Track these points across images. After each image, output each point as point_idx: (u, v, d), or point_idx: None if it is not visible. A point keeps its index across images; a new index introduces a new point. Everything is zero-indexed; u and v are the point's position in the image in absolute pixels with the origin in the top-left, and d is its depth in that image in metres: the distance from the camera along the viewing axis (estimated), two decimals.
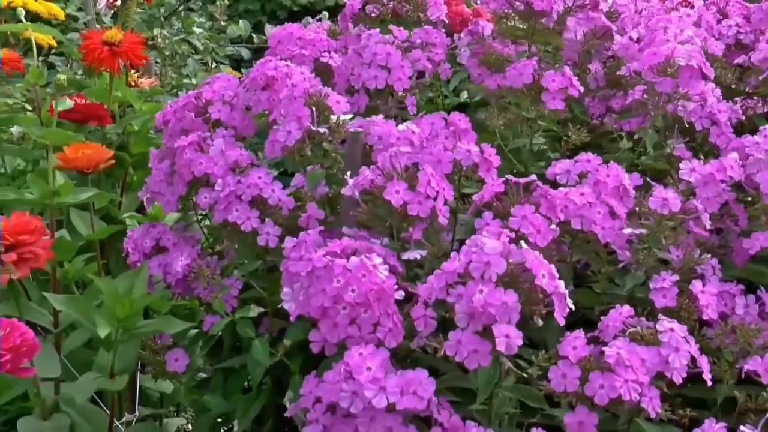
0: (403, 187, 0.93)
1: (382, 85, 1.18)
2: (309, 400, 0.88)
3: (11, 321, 0.88)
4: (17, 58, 1.49)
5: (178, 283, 1.14)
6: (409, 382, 0.83)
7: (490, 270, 0.81)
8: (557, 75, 1.13)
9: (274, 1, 4.37)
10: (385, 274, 0.88)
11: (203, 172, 1.09)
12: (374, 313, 0.88)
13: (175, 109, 1.19)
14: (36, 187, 1.26)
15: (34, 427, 1.16)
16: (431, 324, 0.86)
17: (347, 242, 0.93)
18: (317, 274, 0.89)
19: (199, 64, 2.34)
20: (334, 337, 0.89)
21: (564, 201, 0.95)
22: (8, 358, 0.84)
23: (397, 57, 1.19)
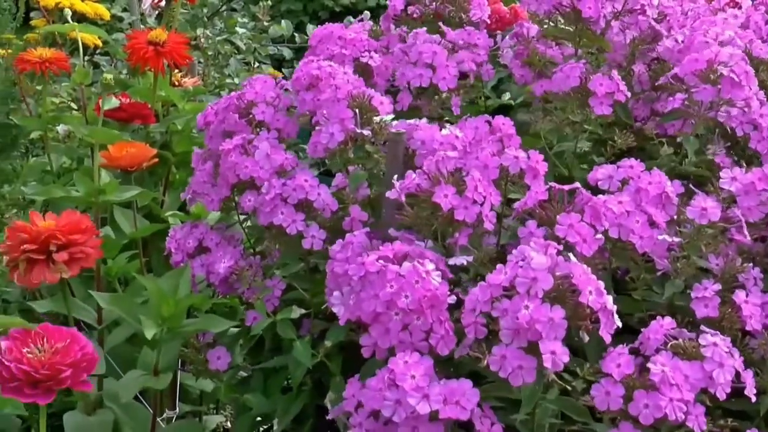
0: (452, 191, 0.93)
1: (426, 84, 1.18)
2: (352, 403, 0.88)
3: (71, 331, 0.86)
4: (64, 58, 1.51)
5: (221, 283, 1.14)
6: (453, 391, 0.82)
7: (536, 286, 0.80)
8: (605, 79, 1.11)
9: (316, 2, 4.38)
10: (438, 280, 0.88)
11: (249, 175, 1.09)
12: (427, 320, 0.87)
13: (217, 110, 1.20)
14: (82, 184, 1.28)
15: (79, 422, 1.18)
16: (482, 331, 0.85)
17: (399, 246, 0.93)
18: (370, 279, 0.88)
19: (242, 64, 2.35)
20: (385, 343, 0.88)
21: (602, 209, 0.93)
22: (69, 374, 0.83)
23: (443, 56, 1.19)
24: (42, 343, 0.84)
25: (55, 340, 0.85)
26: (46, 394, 0.83)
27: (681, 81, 1.12)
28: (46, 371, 0.82)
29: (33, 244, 1.08)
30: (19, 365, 0.82)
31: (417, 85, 1.18)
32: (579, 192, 0.95)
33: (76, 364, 0.84)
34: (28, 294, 1.46)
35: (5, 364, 0.82)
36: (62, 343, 0.85)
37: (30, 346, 0.84)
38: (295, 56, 2.76)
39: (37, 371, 0.82)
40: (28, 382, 0.82)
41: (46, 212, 1.30)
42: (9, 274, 1.11)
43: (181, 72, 1.71)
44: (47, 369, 0.82)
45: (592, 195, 0.95)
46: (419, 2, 1.36)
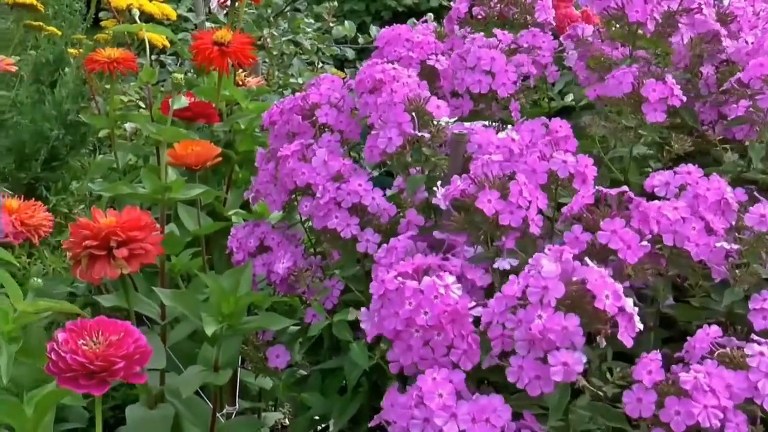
0: (496, 196, 0.92)
1: (485, 90, 1.17)
2: (389, 414, 0.87)
3: (125, 324, 0.88)
4: (131, 58, 1.54)
5: (281, 283, 1.15)
6: (483, 409, 0.81)
7: (548, 294, 0.79)
8: (658, 84, 1.08)
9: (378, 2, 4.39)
10: (458, 293, 0.87)
11: (305, 182, 1.10)
12: (448, 336, 0.86)
13: (282, 111, 1.21)
14: (148, 182, 1.29)
15: (141, 415, 1.20)
16: (510, 343, 0.83)
17: (420, 260, 0.92)
18: (389, 297, 0.88)
19: (305, 64, 2.37)
20: (407, 360, 0.88)
21: (657, 215, 0.91)
22: (122, 366, 0.84)
23: (502, 62, 1.18)
24: (97, 336, 0.86)
25: (110, 333, 0.87)
26: (100, 385, 0.84)
27: (746, 86, 1.09)
28: (100, 363, 0.84)
29: (94, 240, 1.10)
30: (75, 356, 0.83)
31: (476, 91, 1.17)
32: (628, 196, 0.94)
33: (129, 356, 0.85)
34: (94, 288, 1.49)
35: (61, 355, 0.84)
36: (116, 336, 0.86)
37: (85, 339, 0.85)
38: (358, 57, 2.77)
39: (91, 362, 0.83)
40: (83, 373, 0.84)
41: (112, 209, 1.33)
42: (72, 269, 1.14)
43: (245, 72, 1.73)
44: (101, 360, 0.84)
45: (649, 201, 0.93)
46: (483, 4, 1.35)
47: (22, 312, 0.88)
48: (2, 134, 1.88)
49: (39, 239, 1.21)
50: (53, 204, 1.90)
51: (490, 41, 1.22)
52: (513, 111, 1.21)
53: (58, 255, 1.71)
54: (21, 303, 0.88)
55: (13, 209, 1.17)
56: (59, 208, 1.93)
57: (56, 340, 0.85)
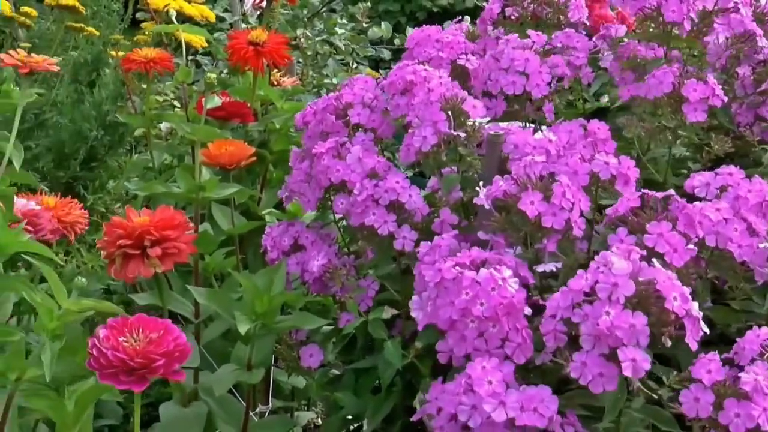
0: (538, 197, 0.92)
1: (519, 91, 1.16)
2: (434, 406, 0.88)
3: (165, 322, 0.89)
4: (168, 58, 1.55)
5: (315, 282, 1.16)
6: (531, 398, 0.82)
7: (617, 291, 0.79)
8: (699, 84, 1.07)
9: (413, 2, 4.39)
10: (515, 287, 0.87)
11: (340, 179, 1.10)
12: (503, 328, 0.87)
13: (315, 111, 1.21)
14: (183, 181, 1.30)
15: (174, 413, 1.21)
16: (562, 339, 0.84)
17: (476, 253, 0.92)
18: (445, 286, 0.88)
19: (340, 65, 2.37)
20: (461, 350, 0.88)
21: (699, 216, 0.91)
22: (161, 363, 0.85)
23: (536, 63, 1.17)
24: (137, 333, 0.87)
25: (150, 330, 0.87)
26: (140, 382, 0.85)
27: None
28: (141, 359, 0.85)
29: (128, 239, 1.11)
30: (116, 353, 0.84)
31: (510, 92, 1.17)
32: (673, 199, 0.93)
33: (169, 353, 0.86)
34: (130, 287, 1.51)
35: (103, 352, 0.85)
36: (156, 334, 0.87)
37: (126, 336, 0.86)
38: (393, 57, 2.77)
39: (132, 359, 0.84)
40: (124, 369, 0.85)
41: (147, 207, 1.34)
42: (107, 267, 1.15)
43: (280, 72, 1.73)
44: (141, 357, 0.85)
45: (688, 202, 0.93)
46: (517, 4, 1.34)
47: (66, 310, 0.89)
48: (42, 134, 1.91)
49: (75, 236, 1.22)
50: (90, 203, 1.92)
51: (524, 42, 1.22)
52: (547, 113, 1.20)
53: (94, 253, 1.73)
54: (65, 301, 0.89)
55: (50, 206, 1.18)
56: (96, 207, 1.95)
57: (98, 336, 0.86)
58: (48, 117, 1.92)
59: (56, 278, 0.89)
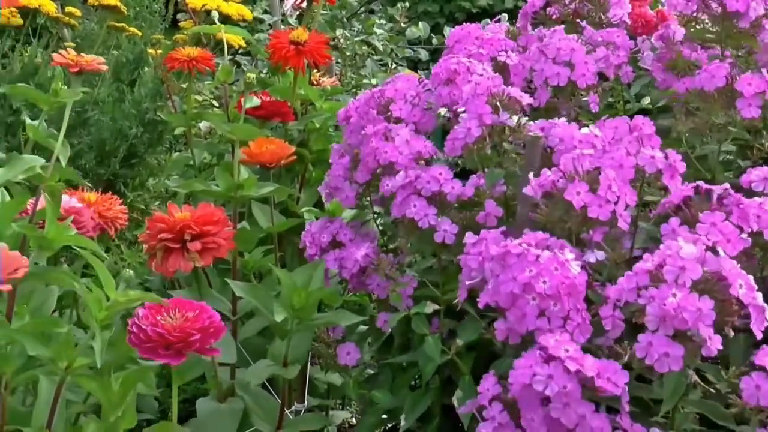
0: (585, 188, 0.92)
1: (564, 82, 1.16)
2: (486, 397, 0.89)
3: (200, 304, 0.93)
4: (209, 57, 1.56)
5: (353, 278, 1.16)
6: (605, 367, 0.82)
7: (684, 274, 0.80)
8: (754, 78, 1.05)
9: (452, 3, 4.39)
10: (577, 269, 0.88)
11: (388, 160, 1.10)
12: (564, 307, 0.87)
13: (357, 106, 1.21)
14: (222, 179, 1.31)
15: (211, 408, 1.22)
16: (619, 325, 0.84)
17: (541, 235, 0.93)
18: (510, 262, 0.88)
19: (378, 65, 2.38)
20: (522, 327, 0.88)
21: (757, 211, 0.90)
22: (198, 338, 0.90)
23: (582, 53, 1.17)
24: (174, 313, 0.93)
25: (186, 310, 0.93)
26: (178, 356, 0.90)
27: None
28: (178, 333, 0.90)
29: (169, 233, 1.13)
30: (155, 328, 0.90)
31: (554, 84, 1.16)
32: (727, 193, 0.93)
33: (205, 329, 0.91)
34: (168, 283, 1.52)
35: (142, 328, 0.90)
36: (192, 313, 0.93)
37: (163, 315, 0.92)
38: (431, 58, 2.77)
39: (169, 333, 0.89)
40: (162, 344, 0.90)
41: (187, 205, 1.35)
42: (148, 261, 1.17)
43: (320, 71, 1.74)
44: (178, 332, 0.90)
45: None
46: (558, 2, 1.34)
47: (115, 301, 0.91)
48: (84, 132, 1.93)
49: (115, 231, 1.24)
50: (130, 200, 1.94)
51: (570, 36, 1.21)
52: (592, 103, 1.19)
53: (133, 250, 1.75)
54: (113, 292, 0.91)
55: (91, 202, 1.20)
56: (136, 204, 1.97)
57: (137, 315, 0.92)
58: (90, 115, 1.94)
59: (105, 270, 0.92)
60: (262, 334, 1.32)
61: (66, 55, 1.02)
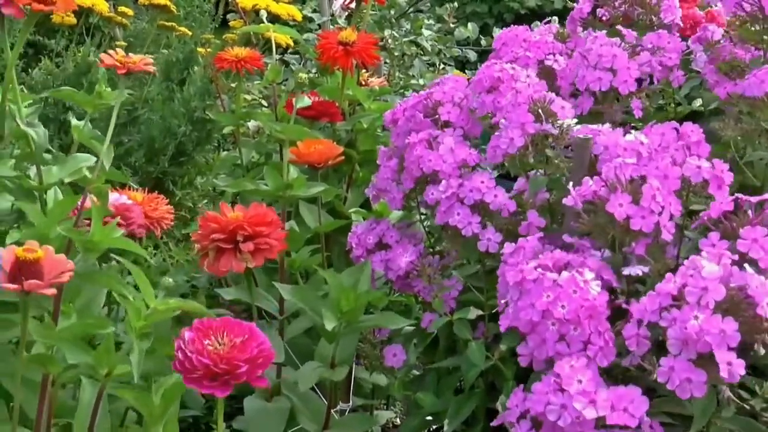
0: (627, 200, 0.90)
1: (606, 87, 1.15)
2: (514, 414, 0.87)
3: (249, 326, 0.88)
4: (258, 57, 1.57)
5: (398, 280, 1.16)
6: (621, 398, 0.81)
7: (707, 296, 0.78)
8: None
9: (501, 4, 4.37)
10: (597, 290, 0.86)
11: (432, 169, 1.10)
12: (584, 331, 0.86)
13: (404, 109, 1.21)
14: (271, 179, 1.32)
15: (258, 407, 1.23)
16: (644, 344, 0.82)
17: (559, 255, 0.91)
18: (527, 288, 0.87)
19: (426, 66, 2.37)
20: (541, 354, 0.88)
21: None
22: (244, 370, 0.84)
23: (624, 58, 1.15)
24: (222, 337, 0.86)
25: (235, 334, 0.86)
26: (224, 387, 0.84)
27: None
28: (224, 366, 0.84)
29: (222, 233, 1.14)
30: (200, 357, 0.84)
31: (597, 89, 1.15)
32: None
33: (253, 360, 0.85)
34: (215, 281, 1.53)
35: (188, 355, 0.84)
36: (241, 338, 0.86)
37: (211, 339, 0.85)
38: (479, 58, 2.76)
39: (216, 365, 0.84)
40: (208, 374, 0.84)
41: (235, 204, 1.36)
42: (200, 261, 1.17)
43: (368, 72, 1.74)
44: (225, 363, 0.84)
45: None
46: (607, 5, 1.32)
47: (154, 310, 0.91)
48: (134, 130, 1.96)
49: (161, 231, 1.25)
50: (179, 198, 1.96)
51: (613, 40, 1.20)
52: (635, 109, 1.18)
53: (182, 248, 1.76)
54: (153, 301, 0.91)
55: (137, 202, 1.21)
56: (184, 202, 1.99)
57: (183, 338, 0.86)
58: (140, 113, 1.96)
59: (145, 279, 0.91)
60: (308, 334, 1.32)
61: (114, 56, 1.03)
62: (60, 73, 1.98)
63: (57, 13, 1.98)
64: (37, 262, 0.83)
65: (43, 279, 0.83)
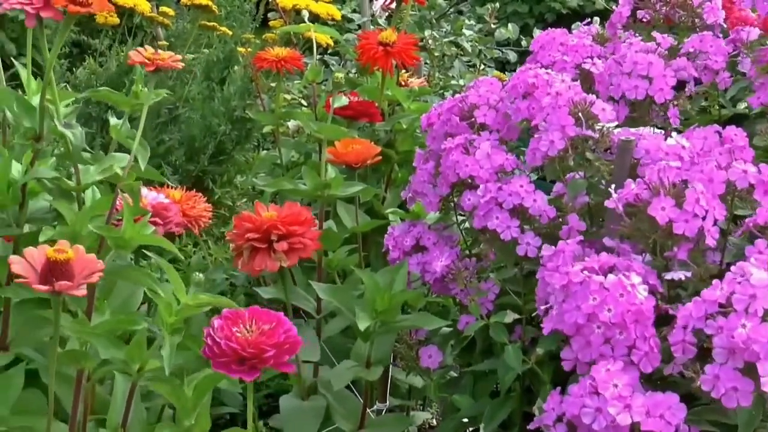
0: (670, 203, 0.89)
1: (642, 96, 1.13)
2: (551, 417, 0.87)
3: (277, 315, 0.91)
4: (298, 57, 1.58)
5: (435, 282, 1.15)
6: (657, 404, 0.80)
7: (755, 303, 0.76)
8: None
9: (542, 4, 4.34)
10: (644, 294, 0.85)
11: (468, 174, 1.09)
12: (630, 335, 0.85)
13: (440, 112, 1.21)
14: (309, 178, 1.33)
15: (294, 405, 1.24)
16: (690, 351, 0.81)
17: (605, 258, 0.91)
18: (573, 290, 0.87)
19: (466, 66, 2.37)
20: (585, 356, 0.87)
21: None
22: (272, 354, 0.87)
23: (659, 66, 1.13)
24: (250, 325, 0.89)
25: (263, 322, 0.90)
26: (251, 372, 0.87)
27: None
28: (252, 350, 0.87)
29: (256, 233, 1.14)
30: (228, 342, 0.87)
31: (632, 98, 1.14)
32: None
33: (280, 345, 0.88)
34: (253, 279, 1.54)
35: (216, 341, 0.88)
36: (268, 326, 0.89)
37: (239, 326, 0.89)
38: (520, 59, 2.75)
39: (243, 349, 0.87)
40: (236, 359, 0.87)
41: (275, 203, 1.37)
42: (234, 260, 1.18)
43: (408, 72, 1.74)
44: (252, 348, 0.87)
45: None
46: (648, 7, 1.31)
47: (185, 305, 0.92)
48: (175, 128, 1.98)
49: (199, 230, 1.26)
50: (218, 196, 1.98)
51: (648, 46, 1.18)
52: (672, 117, 1.16)
53: (221, 246, 1.78)
54: (184, 296, 0.92)
55: (175, 200, 1.22)
56: (223, 200, 2.00)
57: (212, 326, 0.89)
58: (180, 112, 1.98)
59: (176, 274, 0.92)
60: (345, 333, 1.33)
61: (142, 53, 1.03)
62: (103, 72, 2.00)
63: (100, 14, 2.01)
64: (68, 262, 0.84)
65: (74, 279, 0.84)
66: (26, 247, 0.86)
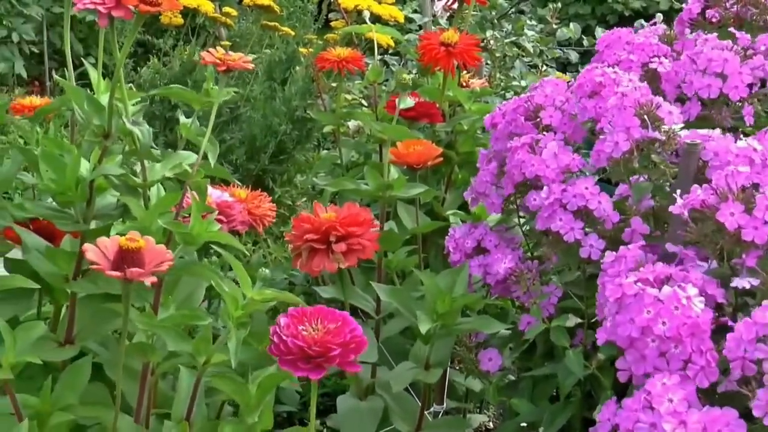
0: (739, 209, 0.87)
1: (715, 94, 1.11)
2: (605, 427, 0.85)
3: (343, 314, 0.91)
4: (360, 57, 1.58)
5: (497, 285, 1.15)
6: (715, 420, 0.77)
7: None
8: None
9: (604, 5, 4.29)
10: (700, 307, 0.83)
11: (534, 174, 1.09)
12: (686, 349, 0.83)
13: (504, 112, 1.20)
14: (372, 179, 1.33)
15: (351, 405, 1.24)
16: (751, 368, 0.79)
17: (661, 268, 0.89)
18: (626, 302, 0.85)
19: (527, 67, 2.35)
20: (639, 370, 0.85)
21: None
22: (338, 353, 0.87)
23: (735, 63, 1.11)
24: (316, 323, 0.90)
25: (328, 321, 0.90)
26: (317, 370, 0.88)
27: None
28: (318, 348, 0.87)
29: (315, 234, 1.14)
30: (295, 340, 0.88)
31: (705, 96, 1.12)
32: None
33: (345, 344, 0.88)
34: (312, 279, 1.55)
35: (283, 339, 0.88)
36: (334, 325, 0.90)
37: (305, 325, 0.89)
38: (581, 60, 2.72)
39: (309, 347, 0.87)
40: (302, 357, 0.88)
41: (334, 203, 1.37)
42: (293, 260, 1.19)
43: (469, 73, 1.73)
44: (319, 346, 0.87)
45: None
46: (718, 5, 1.28)
47: (251, 300, 0.93)
48: (236, 128, 1.99)
49: (263, 228, 1.27)
50: (278, 196, 1.99)
51: (724, 43, 1.16)
52: (746, 116, 1.14)
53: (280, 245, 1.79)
54: (250, 291, 0.93)
55: (241, 199, 1.23)
56: (283, 199, 2.02)
57: (279, 324, 0.90)
58: (242, 112, 2.00)
59: (242, 269, 0.93)
60: (403, 334, 1.32)
61: (215, 54, 1.04)
62: (167, 71, 2.03)
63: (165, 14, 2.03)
64: (139, 251, 0.86)
65: (144, 268, 0.86)
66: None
